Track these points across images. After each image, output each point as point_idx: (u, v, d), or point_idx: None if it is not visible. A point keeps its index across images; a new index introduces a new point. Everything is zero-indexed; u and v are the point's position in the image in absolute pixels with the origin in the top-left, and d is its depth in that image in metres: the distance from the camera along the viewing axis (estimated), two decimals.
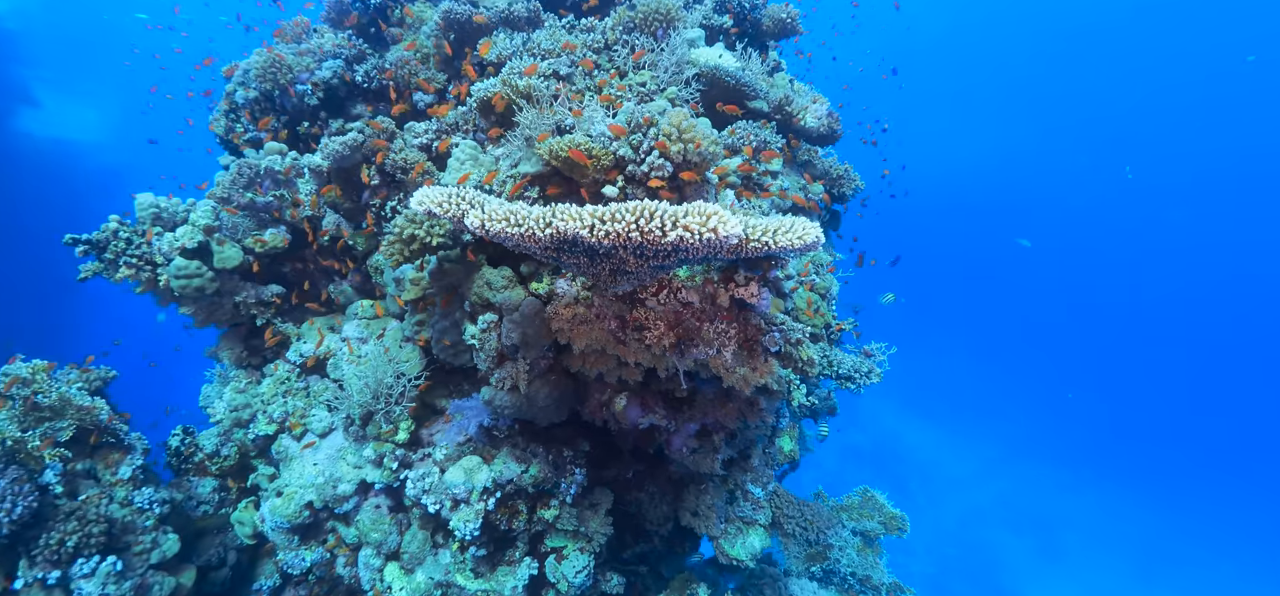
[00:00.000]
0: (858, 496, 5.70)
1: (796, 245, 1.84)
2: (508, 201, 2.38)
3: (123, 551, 3.10)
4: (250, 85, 4.00)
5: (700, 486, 4.06)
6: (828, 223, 5.14)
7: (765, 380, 2.89)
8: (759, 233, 1.82)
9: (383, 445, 3.50)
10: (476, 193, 2.02)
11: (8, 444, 2.84)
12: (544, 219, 1.66)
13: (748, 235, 1.81)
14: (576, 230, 1.59)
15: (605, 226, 1.59)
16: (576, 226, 1.60)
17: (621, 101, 3.20)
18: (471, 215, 1.79)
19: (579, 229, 1.60)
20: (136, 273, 3.25)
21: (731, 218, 1.65)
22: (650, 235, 1.59)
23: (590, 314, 2.90)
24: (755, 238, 1.82)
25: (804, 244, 1.88)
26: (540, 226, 1.66)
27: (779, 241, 1.82)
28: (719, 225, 1.59)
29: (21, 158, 16.05)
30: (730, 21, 4.36)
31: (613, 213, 1.60)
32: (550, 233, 1.66)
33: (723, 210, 1.65)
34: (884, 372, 4.39)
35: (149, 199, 3.28)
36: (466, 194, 1.91)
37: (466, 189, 2.00)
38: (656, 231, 1.59)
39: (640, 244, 1.62)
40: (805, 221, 1.99)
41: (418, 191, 2.01)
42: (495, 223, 1.69)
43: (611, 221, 1.59)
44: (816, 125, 4.19)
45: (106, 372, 3.70)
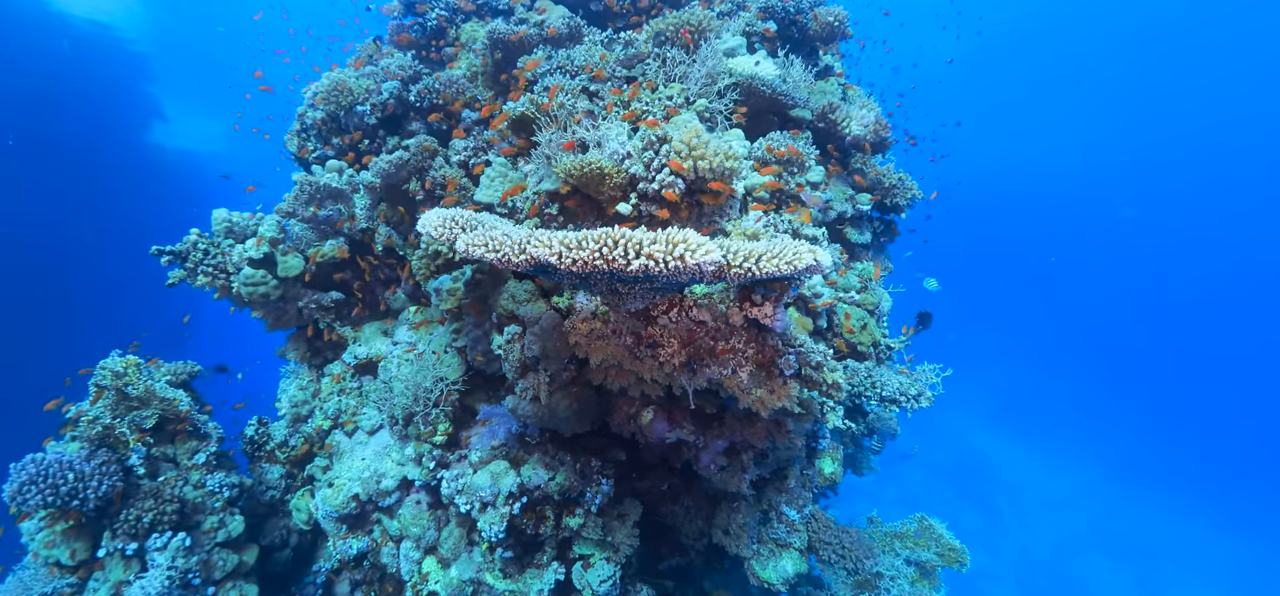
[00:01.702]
0: (914, 524, 5.37)
1: (785, 271, 1.77)
2: (514, 224, 2.44)
3: (192, 529, 3.46)
4: (318, 106, 4.34)
5: (732, 504, 3.98)
6: (881, 233, 4.89)
7: (783, 403, 2.79)
8: (741, 259, 1.76)
9: (422, 445, 3.68)
10: (473, 215, 2.09)
11: (100, 429, 3.24)
12: (519, 246, 1.69)
13: (728, 262, 1.76)
14: (546, 257, 1.61)
15: (572, 253, 1.60)
16: (546, 253, 1.62)
17: (648, 115, 3.20)
18: (461, 239, 1.85)
19: (548, 256, 1.62)
20: (212, 280, 3.61)
21: (705, 245, 1.61)
22: (614, 263, 1.58)
23: (607, 329, 2.91)
24: (737, 264, 1.76)
25: (795, 270, 1.80)
26: (515, 252, 1.69)
27: (763, 268, 1.75)
28: (686, 253, 1.56)
29: (154, 168, 18.40)
30: (774, 27, 4.24)
31: (578, 240, 1.61)
32: (524, 258, 1.69)
33: (695, 237, 1.61)
34: (936, 396, 4.11)
35: (223, 214, 3.64)
36: (461, 218, 1.98)
37: (462, 212, 2.07)
38: (620, 259, 1.58)
39: (607, 271, 1.62)
40: (800, 245, 1.90)
41: (424, 214, 2.10)
42: (475, 248, 1.74)
43: (577, 249, 1.60)
44: (863, 133, 3.99)
45: (191, 367, 4.14)
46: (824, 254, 2.03)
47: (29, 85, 13.85)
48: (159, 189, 18.27)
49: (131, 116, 16.45)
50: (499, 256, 1.74)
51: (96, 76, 14.85)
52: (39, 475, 2.98)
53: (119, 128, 16.47)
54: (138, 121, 16.63)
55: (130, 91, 16.53)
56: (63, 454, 3.14)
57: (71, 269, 16.15)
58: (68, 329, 15.97)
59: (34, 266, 15.59)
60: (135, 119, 16.54)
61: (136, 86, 16.36)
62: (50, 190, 16.47)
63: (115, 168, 16.56)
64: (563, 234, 1.66)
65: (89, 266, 16.17)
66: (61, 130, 15.52)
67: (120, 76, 15.64)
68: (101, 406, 3.42)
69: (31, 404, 3.74)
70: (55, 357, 3.90)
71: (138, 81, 16.12)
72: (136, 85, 16.30)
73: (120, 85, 15.95)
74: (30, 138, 15.15)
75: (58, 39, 13.15)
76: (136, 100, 16.71)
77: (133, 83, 16.23)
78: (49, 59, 13.44)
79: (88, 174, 16.91)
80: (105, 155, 16.71)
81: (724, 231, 2.76)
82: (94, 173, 16.84)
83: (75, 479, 3.07)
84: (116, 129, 16.57)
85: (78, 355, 4.50)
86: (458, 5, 4.66)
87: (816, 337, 3.82)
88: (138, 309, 15.64)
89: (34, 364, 14.17)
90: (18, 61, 13.09)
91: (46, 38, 12.93)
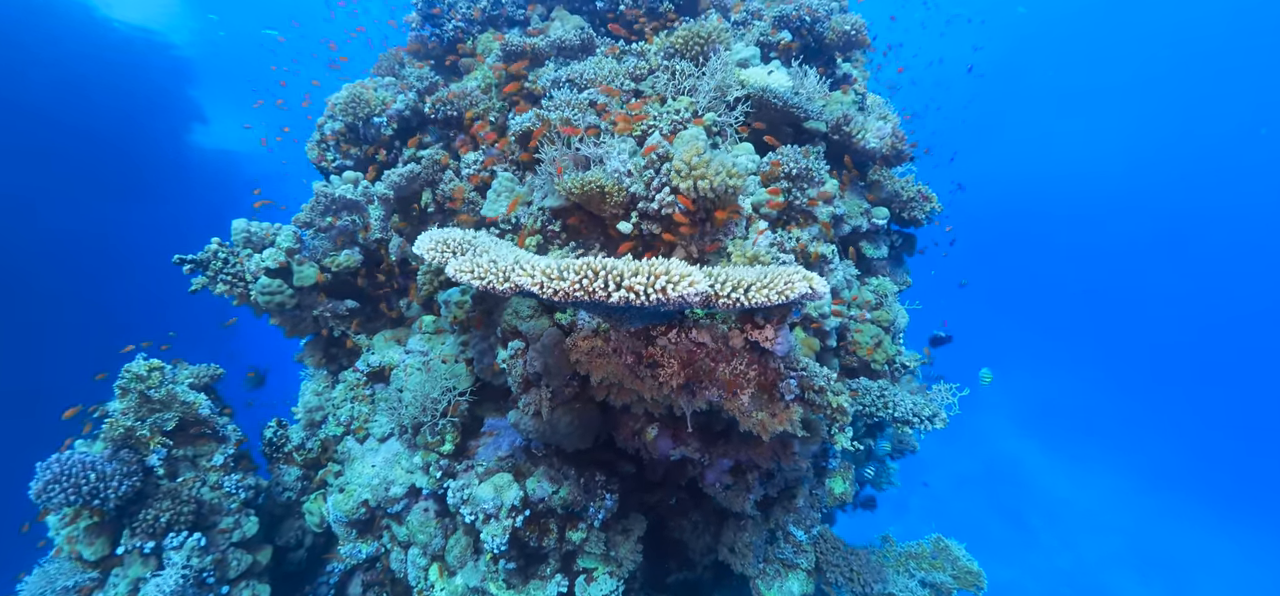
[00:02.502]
0: (929, 544, 5.22)
1: (776, 301, 1.73)
2: (511, 244, 2.44)
3: (208, 529, 3.56)
4: (336, 117, 4.43)
5: (739, 522, 3.93)
6: (901, 247, 4.77)
7: (784, 427, 2.73)
8: (728, 289, 1.73)
9: (429, 454, 3.73)
10: (468, 237, 2.09)
11: (122, 430, 3.36)
12: (503, 274, 1.69)
13: (716, 292, 1.72)
14: (529, 286, 1.61)
15: (552, 284, 1.59)
16: (528, 282, 1.62)
17: (655, 130, 3.17)
18: (451, 264, 1.85)
19: (530, 285, 1.61)
20: (230, 288, 3.71)
21: (690, 275, 1.58)
22: (594, 295, 1.56)
23: (608, 347, 2.90)
24: (725, 294, 1.73)
25: (787, 299, 1.76)
26: (500, 280, 1.69)
27: (753, 298, 1.71)
28: (669, 286, 1.53)
29: (195, 168, 19.14)
30: (789, 37, 4.17)
31: (559, 271, 1.60)
32: (508, 286, 1.68)
33: (679, 268, 1.58)
34: (950, 417, 3.99)
35: (242, 223, 3.74)
36: (453, 240, 1.99)
37: (455, 234, 2.08)
38: (600, 291, 1.56)
39: (588, 302, 1.60)
40: (794, 273, 1.86)
41: (421, 235, 2.12)
42: (463, 274, 1.75)
43: (557, 279, 1.59)
44: (878, 145, 3.89)
45: (214, 370, 4.26)
46: (820, 281, 1.98)
47: (78, 88, 14.55)
48: (199, 188, 19.01)
49: (174, 119, 17.18)
50: (484, 283, 1.74)
51: (142, 80, 15.54)
52: (62, 474, 3.10)
53: (163, 130, 17.20)
54: (180, 123, 17.35)
55: (173, 94, 17.24)
56: (86, 454, 3.27)
57: (116, 266, 16.94)
58: (110, 326, 16.74)
59: (79, 264, 16.39)
60: (178, 121, 17.27)
61: (179, 89, 17.06)
62: (98, 191, 17.30)
63: (158, 168, 17.32)
64: (546, 262, 1.66)
65: (132, 264, 16.92)
66: (109, 132, 16.28)
67: (164, 80, 16.32)
68: (124, 406, 3.55)
69: (77, 400, 3.89)
70: (97, 354, 4.12)
71: (180, 84, 16.81)
72: (179, 88, 17.00)
73: (164, 89, 16.65)
74: (79, 139, 15.94)
75: (105, 44, 13.80)
76: (179, 103, 17.42)
77: (176, 86, 16.93)
78: (96, 64, 14.10)
79: (133, 174, 17.71)
80: (149, 156, 17.48)
81: (727, 252, 2.72)
82: (139, 173, 17.64)
83: (97, 478, 3.19)
84: (161, 131, 17.30)
85: (118, 353, 4.71)
86: (473, 16, 4.70)
87: (826, 356, 3.74)
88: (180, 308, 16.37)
89: (77, 360, 14.87)
90: (67, 66, 13.77)
91: (94, 43, 13.57)
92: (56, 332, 17.20)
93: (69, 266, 16.49)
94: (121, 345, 4.79)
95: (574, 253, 2.86)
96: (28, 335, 16.72)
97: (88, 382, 4.66)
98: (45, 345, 16.29)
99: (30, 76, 13.19)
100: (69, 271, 16.61)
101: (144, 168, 17.71)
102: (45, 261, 16.60)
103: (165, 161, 17.58)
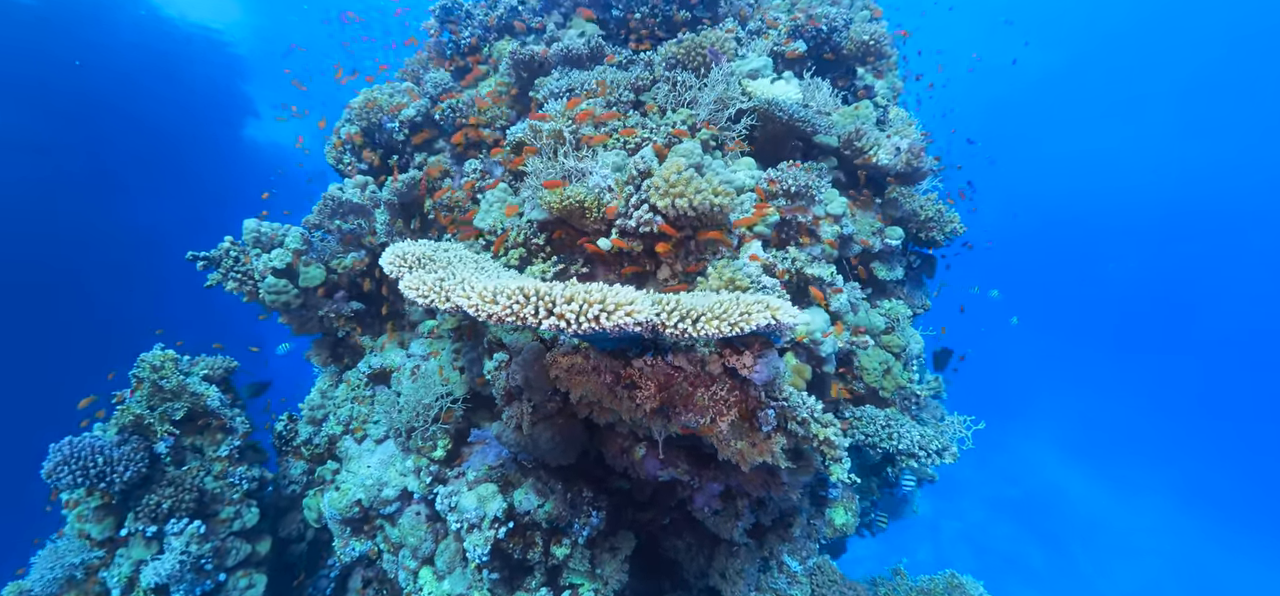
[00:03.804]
0: (943, 581, 4.98)
1: (728, 332, 1.63)
2: (479, 259, 2.40)
3: (209, 518, 3.67)
4: (352, 121, 4.52)
5: (732, 548, 3.81)
6: (919, 268, 4.55)
7: (764, 458, 2.61)
8: (676, 320, 1.64)
9: (421, 459, 3.75)
10: (430, 250, 2.07)
11: (132, 418, 3.50)
12: (445, 295, 1.65)
13: (661, 321, 1.64)
14: (466, 307, 1.56)
15: (487, 307, 1.54)
16: (466, 304, 1.57)
17: (649, 143, 3.10)
18: (405, 279, 1.83)
19: (467, 306, 1.57)
20: (240, 286, 3.82)
21: (632, 304, 1.51)
22: (525, 320, 1.51)
23: (587, 365, 2.83)
24: (671, 325, 1.64)
25: (744, 332, 1.66)
26: (442, 300, 1.65)
27: (702, 330, 1.62)
28: (603, 315, 1.46)
29: (248, 161, 20.12)
30: (803, 47, 4.02)
31: (493, 294, 1.55)
32: (449, 306, 1.65)
33: (621, 295, 1.51)
34: (960, 452, 3.76)
35: (253, 223, 3.85)
36: (411, 254, 1.97)
37: (417, 247, 2.06)
38: (531, 317, 1.50)
39: (523, 327, 1.55)
40: (753, 302, 1.75)
41: (388, 247, 2.11)
42: (410, 290, 1.72)
43: (492, 303, 1.54)
44: (892, 162, 3.70)
45: (228, 362, 4.41)
46: (789, 311, 1.87)
47: (140, 84, 15.49)
48: (251, 180, 19.96)
49: (230, 114, 18.13)
50: (427, 302, 1.71)
51: (201, 77, 16.43)
52: (72, 456, 3.25)
53: (220, 124, 18.17)
54: (235, 118, 18.31)
55: (229, 91, 18.16)
56: (97, 438, 3.42)
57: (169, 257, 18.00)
58: (162, 314, 17.75)
59: (136, 252, 17.40)
60: (233, 116, 18.23)
61: (235, 86, 17.97)
62: (156, 181, 18.42)
63: (215, 161, 18.32)
64: (483, 284, 1.61)
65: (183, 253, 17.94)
66: (168, 125, 17.29)
67: (221, 77, 17.20)
68: (139, 395, 3.71)
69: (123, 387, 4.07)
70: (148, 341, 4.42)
71: (236, 81, 17.70)
72: (235, 84, 17.90)
73: (221, 85, 17.55)
74: (143, 132, 16.99)
75: (167, 42, 14.64)
76: (234, 99, 18.35)
77: (231, 82, 17.82)
78: (158, 59, 14.98)
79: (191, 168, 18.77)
80: (207, 150, 18.48)
81: (706, 274, 2.62)
82: (195, 166, 18.68)
83: (104, 462, 3.33)
84: (218, 126, 18.28)
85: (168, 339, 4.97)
86: (488, 24, 4.72)
87: (827, 383, 3.58)
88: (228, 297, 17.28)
89: (128, 345, 15.82)
90: (131, 61, 14.67)
91: (157, 40, 14.43)
92: (110, 320, 18.38)
93: (125, 255, 17.55)
94: (175, 336, 5.06)
95: (556, 267, 2.82)
96: (85, 322, 17.94)
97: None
98: (100, 332, 17.38)
99: (95, 72, 14.14)
100: (124, 260, 17.68)
101: (199, 160, 18.74)
102: (103, 250, 17.75)
103: (222, 155, 18.56)
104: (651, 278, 2.88)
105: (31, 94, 13.56)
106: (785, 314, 1.82)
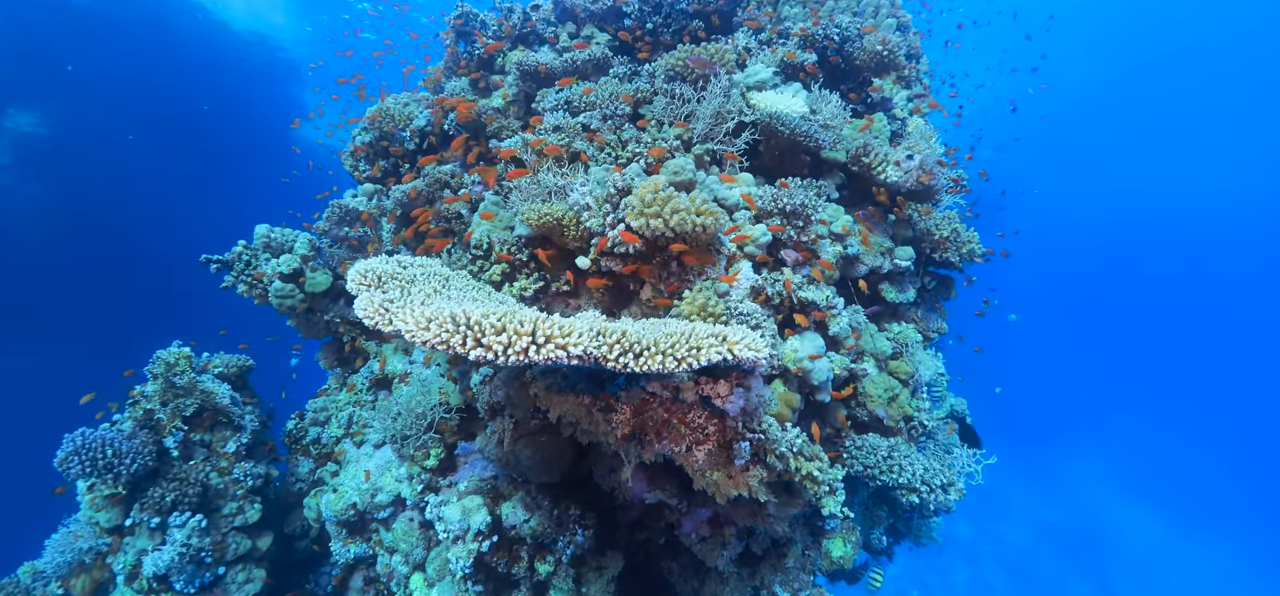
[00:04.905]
0: None
1: (673, 368, 1.56)
2: (437, 277, 2.38)
3: (212, 512, 3.78)
4: (367, 130, 4.61)
5: (722, 576, 3.70)
6: (935, 291, 4.33)
7: (740, 491, 2.51)
8: (618, 354, 1.57)
9: (413, 466, 3.77)
10: (393, 269, 2.05)
11: (142, 412, 3.64)
12: (388, 319, 1.62)
13: (603, 355, 1.57)
14: (403, 331, 1.54)
15: (422, 333, 1.51)
16: (403, 328, 1.54)
17: (639, 158, 3.03)
18: (361, 298, 1.82)
19: (405, 332, 1.54)
20: (250, 289, 3.94)
21: (569, 336, 1.45)
22: (452, 349, 1.46)
23: (566, 384, 2.79)
24: (612, 358, 1.57)
25: (693, 367, 1.59)
26: (385, 323, 1.63)
27: (644, 365, 1.55)
28: (531, 348, 1.40)
29: (296, 162, 21.06)
30: (814, 58, 3.88)
31: (427, 320, 1.51)
32: (391, 330, 1.62)
33: (554, 326, 1.45)
34: (967, 488, 3.54)
35: (264, 229, 3.96)
36: (372, 273, 1.96)
37: (383, 263, 2.04)
38: (459, 347, 1.46)
39: (456, 356, 1.51)
40: (708, 335, 1.67)
41: (355, 263, 2.10)
42: (361, 308, 1.71)
43: (424, 330, 1.50)
44: (899, 178, 3.52)
45: (244, 361, 4.55)
46: (749, 345, 1.78)
47: (201, 86, 16.40)
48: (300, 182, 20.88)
49: (281, 116, 18.96)
50: (373, 324, 1.69)
51: (254, 81, 17.27)
52: (83, 447, 3.40)
53: (271, 127, 19.04)
54: (284, 121, 19.15)
55: (281, 95, 19.03)
56: (108, 431, 3.57)
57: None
58: (209, 313, 18.66)
59: (184, 259, 18.37)
60: (283, 118, 19.06)
61: (286, 89, 18.81)
62: (210, 185, 19.46)
63: (265, 162, 19.17)
64: (420, 311, 1.57)
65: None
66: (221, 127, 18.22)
67: (273, 81, 18.03)
68: (151, 389, 3.86)
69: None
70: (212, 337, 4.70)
71: (287, 85, 18.53)
72: (286, 88, 18.75)
73: (272, 89, 18.41)
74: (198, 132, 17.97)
75: (223, 47, 15.46)
76: (285, 103, 19.22)
77: (282, 86, 18.66)
78: (212, 64, 15.82)
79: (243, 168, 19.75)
80: (258, 152, 19.40)
81: (687, 298, 2.53)
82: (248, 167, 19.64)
83: (113, 454, 3.47)
84: (268, 128, 19.16)
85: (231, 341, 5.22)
86: (503, 33, 4.75)
87: (827, 412, 3.43)
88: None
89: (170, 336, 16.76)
90: (188, 69, 15.54)
91: (213, 46, 15.24)
92: (167, 313, 19.45)
93: (177, 261, 18.52)
94: (238, 337, 5.29)
95: (536, 284, 2.78)
96: (144, 314, 19.02)
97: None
98: (158, 324, 18.39)
99: (154, 76, 15.03)
100: (174, 266, 18.61)
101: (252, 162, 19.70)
102: (160, 249, 18.78)
103: (272, 156, 19.42)
104: (635, 298, 2.81)
105: (97, 93, 14.54)
106: (744, 348, 1.72)
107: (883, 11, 5.34)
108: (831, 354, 3.22)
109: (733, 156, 3.11)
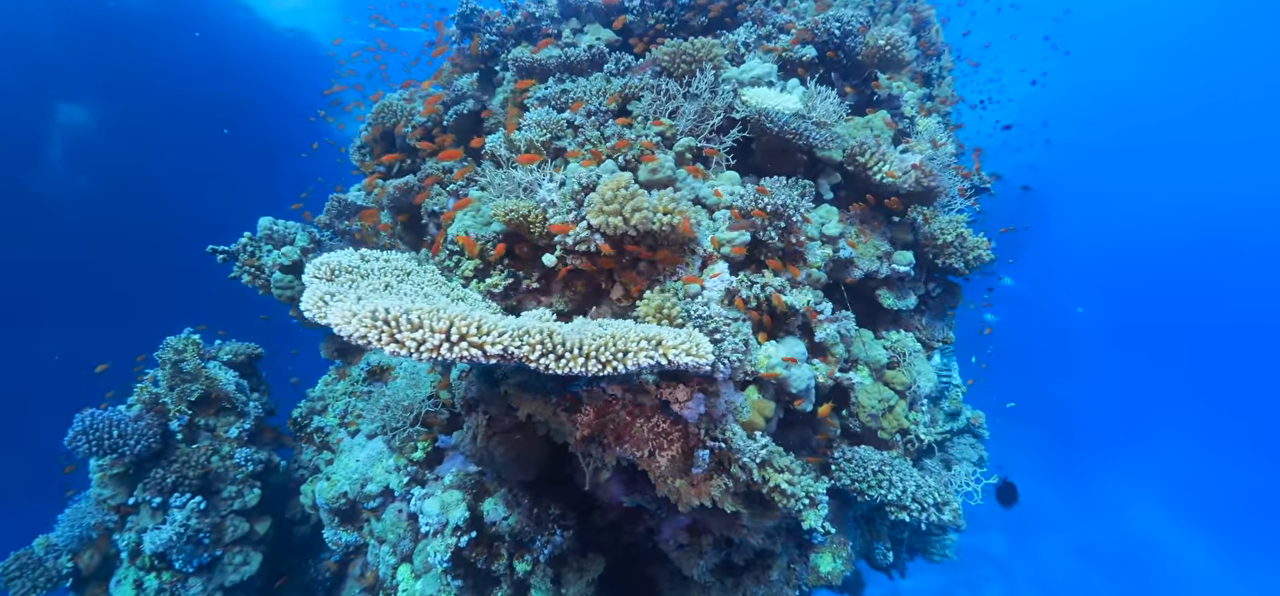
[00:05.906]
0: None
1: (596, 371, 1.51)
2: (407, 276, 2.38)
3: (212, 495, 3.91)
4: (369, 126, 4.69)
5: (703, 585, 3.62)
6: (940, 297, 4.14)
7: (702, 500, 2.44)
8: (537, 355, 1.53)
9: (401, 458, 3.82)
10: (352, 262, 2.06)
11: (149, 395, 3.79)
12: (321, 309, 1.63)
13: (525, 354, 1.53)
14: (334, 326, 1.53)
15: (347, 326, 1.50)
16: (334, 322, 1.54)
17: (620, 156, 2.98)
18: (310, 290, 1.83)
19: (335, 325, 1.53)
20: (253, 280, 4.05)
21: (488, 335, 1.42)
22: (369, 343, 1.45)
23: (537, 383, 2.76)
24: (533, 359, 1.53)
25: (617, 372, 1.54)
26: (320, 316, 1.63)
27: (565, 367, 1.51)
28: (445, 346, 1.39)
29: (333, 155, 21.83)
30: (812, 53, 3.75)
31: (353, 315, 1.50)
32: (326, 323, 1.62)
33: (476, 321, 1.42)
34: (964, 510, 3.37)
35: (267, 221, 4.07)
36: (325, 267, 1.97)
37: (340, 257, 2.05)
38: (376, 340, 1.45)
39: (384, 348, 1.50)
40: (640, 338, 1.61)
41: (319, 254, 2.12)
42: (305, 302, 1.71)
43: (350, 322, 1.49)
44: (898, 179, 3.37)
45: (252, 349, 4.69)
46: (688, 351, 1.71)
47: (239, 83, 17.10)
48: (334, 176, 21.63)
49: (314, 111, 19.61)
50: (310, 316, 1.69)
51: (295, 78, 17.88)
52: (90, 427, 3.55)
53: (303, 120, 19.72)
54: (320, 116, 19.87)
55: (318, 91, 19.71)
56: (116, 412, 3.73)
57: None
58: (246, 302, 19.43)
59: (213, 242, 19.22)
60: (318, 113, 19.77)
61: (323, 85, 19.49)
62: (250, 181, 20.29)
63: (297, 154, 19.98)
64: (346, 307, 1.56)
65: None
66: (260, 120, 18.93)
67: (311, 77, 18.68)
68: (161, 375, 4.01)
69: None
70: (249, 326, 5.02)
71: (325, 81, 19.19)
72: (324, 84, 19.42)
73: (310, 86, 19.07)
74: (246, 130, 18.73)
75: (265, 45, 16.09)
76: (323, 99, 19.91)
77: (321, 82, 19.33)
78: (253, 62, 16.49)
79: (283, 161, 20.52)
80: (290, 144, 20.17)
81: (645, 299, 2.47)
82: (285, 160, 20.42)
83: (118, 435, 3.61)
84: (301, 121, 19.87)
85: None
86: (505, 31, 4.76)
87: (797, 424, 3.31)
88: None
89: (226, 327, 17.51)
90: (230, 67, 16.22)
91: (256, 44, 15.87)
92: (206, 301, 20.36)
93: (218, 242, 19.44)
94: (259, 315, 5.46)
95: (506, 280, 2.76)
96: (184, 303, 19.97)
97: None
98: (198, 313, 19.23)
99: (195, 73, 15.73)
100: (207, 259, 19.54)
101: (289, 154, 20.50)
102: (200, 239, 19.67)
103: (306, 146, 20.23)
104: (605, 296, 2.76)
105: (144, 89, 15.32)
106: (682, 353, 1.66)
107: (901, 6, 5.14)
108: (816, 361, 3.11)
109: (714, 153, 3.03)
